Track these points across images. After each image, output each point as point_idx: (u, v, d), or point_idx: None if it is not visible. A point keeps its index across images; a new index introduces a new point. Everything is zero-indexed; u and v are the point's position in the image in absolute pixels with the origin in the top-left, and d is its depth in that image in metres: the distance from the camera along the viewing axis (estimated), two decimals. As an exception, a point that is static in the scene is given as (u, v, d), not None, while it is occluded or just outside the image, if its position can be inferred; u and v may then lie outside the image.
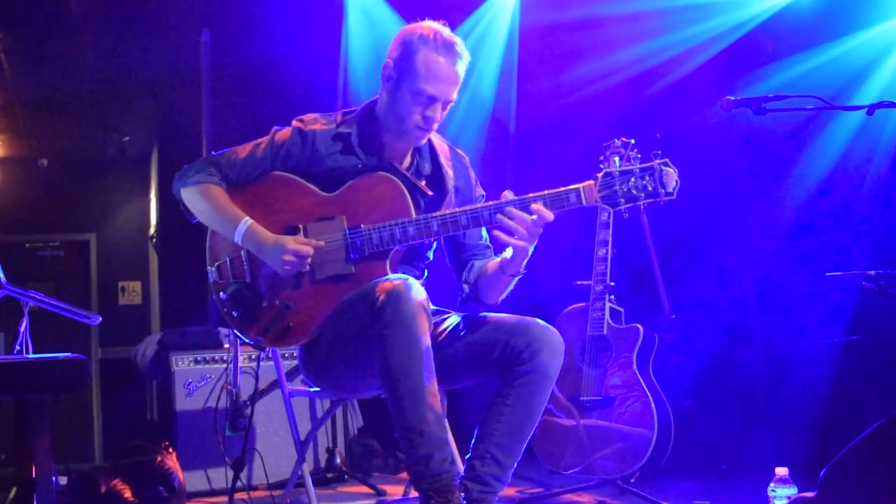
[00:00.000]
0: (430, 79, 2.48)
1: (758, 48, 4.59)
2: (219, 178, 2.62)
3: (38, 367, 2.55)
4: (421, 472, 2.27)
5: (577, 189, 2.36)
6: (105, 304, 8.08)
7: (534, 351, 2.42)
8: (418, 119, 2.52)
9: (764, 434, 4.11)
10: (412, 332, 2.24)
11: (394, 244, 2.48)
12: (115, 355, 7.28)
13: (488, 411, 2.47)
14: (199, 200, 2.61)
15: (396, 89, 2.53)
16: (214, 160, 2.64)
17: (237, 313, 2.59)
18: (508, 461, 2.44)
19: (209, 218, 2.62)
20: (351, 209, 2.53)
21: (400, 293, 2.26)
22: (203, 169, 2.62)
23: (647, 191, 2.31)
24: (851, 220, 4.25)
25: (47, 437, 2.59)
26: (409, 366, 2.25)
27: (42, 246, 8.38)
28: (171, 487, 3.56)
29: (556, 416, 3.67)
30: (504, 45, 5.27)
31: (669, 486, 3.72)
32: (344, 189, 2.56)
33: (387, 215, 2.49)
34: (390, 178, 2.54)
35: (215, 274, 2.64)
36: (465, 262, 2.72)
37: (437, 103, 2.51)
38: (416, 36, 2.52)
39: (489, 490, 2.43)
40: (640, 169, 2.32)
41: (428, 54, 2.48)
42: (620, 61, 4.87)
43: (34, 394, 2.56)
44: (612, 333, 3.65)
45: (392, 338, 2.25)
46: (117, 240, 8.36)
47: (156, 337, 4.40)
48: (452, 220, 2.43)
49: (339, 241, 2.51)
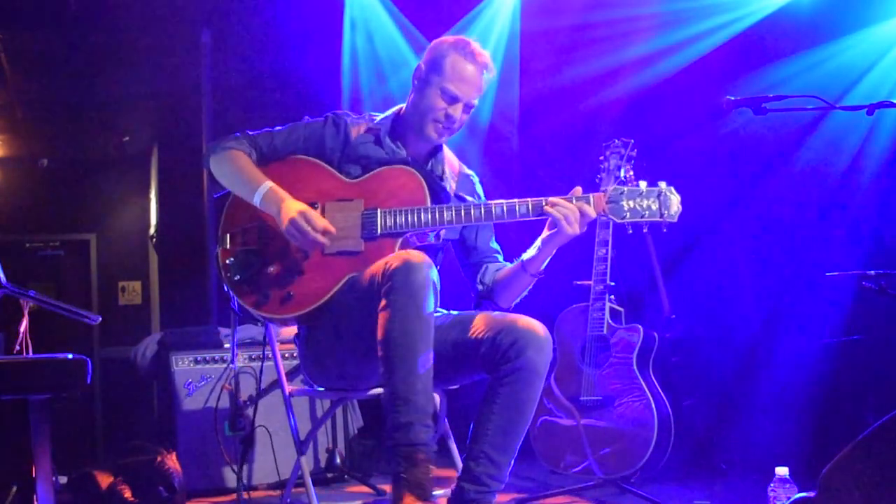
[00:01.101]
0: (456, 79, 2.63)
1: (757, 48, 4.59)
2: (249, 149, 2.72)
3: (38, 367, 2.55)
4: (398, 439, 2.27)
5: (588, 196, 2.49)
6: (105, 304, 8.08)
7: (519, 348, 2.42)
8: (440, 115, 2.65)
9: (764, 434, 4.11)
10: (417, 301, 2.29)
11: (406, 228, 2.56)
12: (115, 355, 7.27)
13: (480, 411, 2.47)
14: (225, 164, 2.68)
15: (424, 87, 2.68)
16: (249, 136, 2.75)
17: (239, 277, 2.65)
18: (503, 459, 2.45)
19: (232, 180, 2.68)
20: (370, 194, 2.63)
21: (413, 264, 2.32)
22: (235, 139, 2.73)
23: (651, 211, 2.48)
24: (851, 220, 4.25)
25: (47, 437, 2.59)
26: (409, 333, 2.28)
27: (42, 246, 8.38)
28: (171, 487, 3.56)
29: (556, 416, 3.67)
30: (504, 45, 5.27)
31: (669, 486, 3.72)
32: (367, 177, 2.68)
33: (404, 203, 2.59)
34: (411, 172, 2.65)
35: (227, 242, 2.70)
36: (477, 266, 2.80)
37: (459, 103, 2.65)
38: (449, 43, 2.70)
39: (486, 490, 2.44)
40: (647, 190, 2.49)
41: (457, 58, 2.65)
42: (620, 62, 4.88)
43: (34, 394, 2.56)
44: (612, 333, 3.65)
45: (397, 303, 2.29)
46: (117, 240, 8.37)
47: (156, 337, 4.39)
48: (465, 210, 2.54)
49: (354, 220, 2.59)
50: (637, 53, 4.84)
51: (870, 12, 4.35)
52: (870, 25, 4.38)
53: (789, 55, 4.46)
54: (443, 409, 3.04)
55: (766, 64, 4.49)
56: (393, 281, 2.30)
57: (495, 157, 5.16)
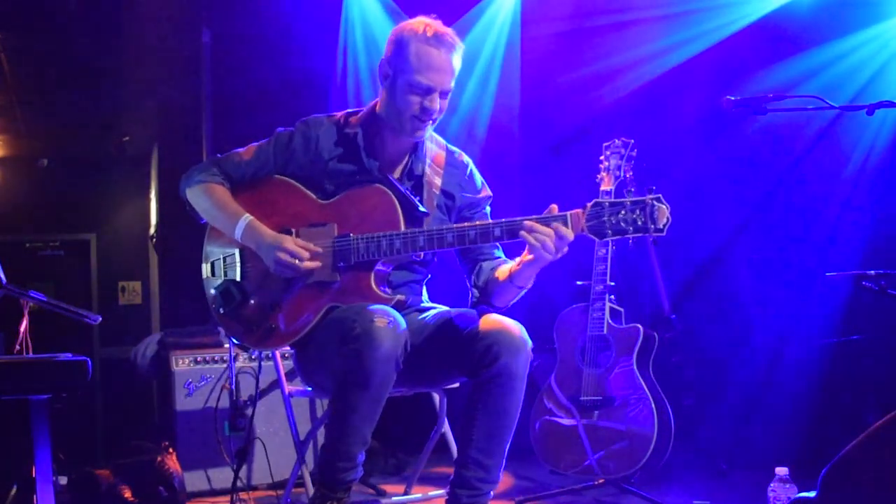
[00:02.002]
0: (424, 69, 2.50)
1: (758, 48, 4.59)
2: (222, 178, 2.69)
3: (38, 367, 2.55)
4: (328, 476, 2.39)
5: (565, 216, 2.31)
6: (105, 304, 8.08)
7: (495, 354, 2.40)
8: (416, 110, 2.54)
9: (764, 434, 4.11)
10: (372, 383, 2.29)
11: (379, 255, 2.48)
12: (115, 355, 7.27)
13: (464, 417, 2.47)
14: (202, 198, 2.67)
15: (393, 85, 2.56)
16: (218, 161, 2.72)
17: (224, 310, 2.66)
18: (492, 462, 2.44)
19: (211, 215, 2.68)
20: (343, 217, 2.56)
21: (374, 341, 2.26)
22: (206, 169, 2.70)
23: (636, 225, 2.26)
24: (851, 219, 4.26)
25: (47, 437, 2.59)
26: (360, 415, 2.34)
27: (42, 246, 8.38)
28: (171, 487, 3.56)
29: (556, 416, 3.67)
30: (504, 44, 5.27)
31: (669, 486, 3.72)
32: (340, 197, 2.61)
33: (378, 227, 2.50)
34: (385, 192, 2.56)
35: (208, 271, 2.75)
36: (473, 264, 2.70)
37: (433, 93, 2.53)
38: (407, 31, 2.56)
39: (478, 493, 2.44)
40: (632, 202, 2.27)
41: (419, 46, 2.51)
42: (621, 62, 4.88)
43: (34, 394, 2.56)
44: (612, 333, 3.65)
45: (352, 384, 2.31)
46: (117, 240, 8.37)
47: (156, 337, 4.39)
48: (438, 236, 2.43)
49: (327, 248, 2.53)
50: (637, 53, 4.84)
51: (870, 12, 4.36)
52: (870, 25, 4.38)
53: (789, 55, 4.46)
54: (442, 409, 3.04)
55: (766, 64, 4.49)
56: (349, 358, 2.28)
57: (496, 156, 5.16)
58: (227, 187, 2.69)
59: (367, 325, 2.27)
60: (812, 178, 4.39)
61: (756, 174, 4.53)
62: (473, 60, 5.21)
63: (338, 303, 2.51)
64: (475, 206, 2.72)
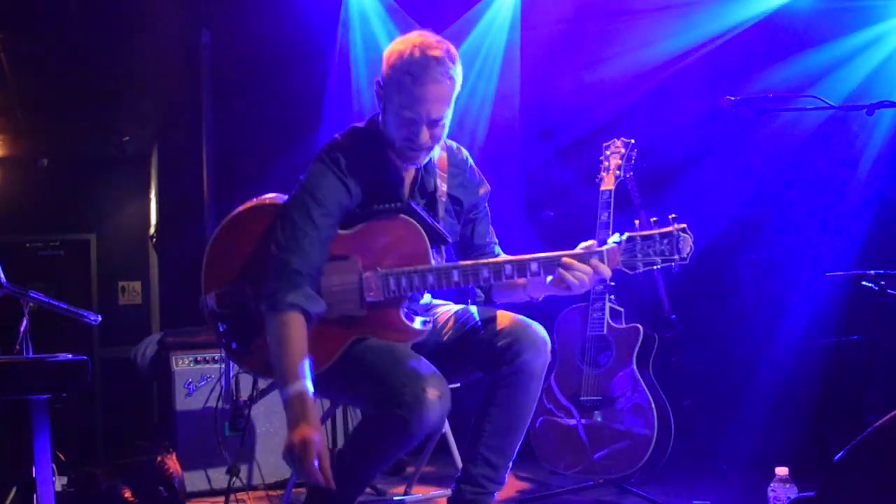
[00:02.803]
0: (407, 102, 2.35)
1: (758, 48, 4.59)
2: (306, 298, 2.36)
3: (38, 367, 2.55)
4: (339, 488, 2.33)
5: (602, 252, 2.36)
6: (105, 304, 8.09)
7: (516, 351, 2.41)
8: (406, 139, 2.40)
9: (764, 434, 4.11)
10: (410, 444, 2.30)
11: (412, 290, 2.40)
12: (115, 355, 7.28)
13: (478, 413, 2.47)
14: (278, 330, 2.34)
15: (385, 111, 2.44)
16: (296, 266, 2.36)
17: (237, 346, 2.52)
18: (501, 462, 2.45)
19: (277, 352, 2.35)
20: (366, 250, 2.43)
21: (423, 414, 2.22)
22: (293, 284, 2.36)
23: (663, 255, 2.34)
24: (851, 219, 4.25)
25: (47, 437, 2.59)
26: (378, 467, 2.38)
27: (42, 246, 8.38)
28: (171, 487, 3.56)
29: (556, 416, 3.67)
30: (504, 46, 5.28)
31: (669, 486, 3.72)
32: (361, 227, 2.46)
33: (404, 259, 2.41)
34: (409, 222, 2.44)
35: (213, 302, 2.53)
36: None
37: (420, 126, 2.37)
38: (395, 54, 2.38)
39: (483, 491, 2.44)
40: (661, 235, 2.34)
41: (402, 77, 2.34)
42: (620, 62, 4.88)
43: (34, 394, 2.56)
44: (612, 333, 3.65)
45: (386, 442, 2.31)
46: (117, 240, 8.37)
47: (156, 337, 4.39)
48: (474, 271, 2.38)
49: (353, 284, 2.41)
50: (637, 54, 4.84)
51: (870, 12, 4.36)
52: (870, 25, 4.38)
53: (789, 55, 4.46)
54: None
55: (766, 64, 4.48)
56: (391, 426, 2.25)
57: (496, 157, 5.16)
58: (306, 317, 2.35)
59: (419, 395, 2.22)
60: (812, 178, 4.39)
61: (756, 174, 4.53)
62: (473, 60, 5.21)
63: (364, 334, 2.42)
64: (477, 206, 2.71)
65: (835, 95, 4.17)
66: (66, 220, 8.32)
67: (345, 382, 2.45)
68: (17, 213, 8.05)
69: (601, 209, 3.58)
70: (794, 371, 4.11)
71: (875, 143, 4.28)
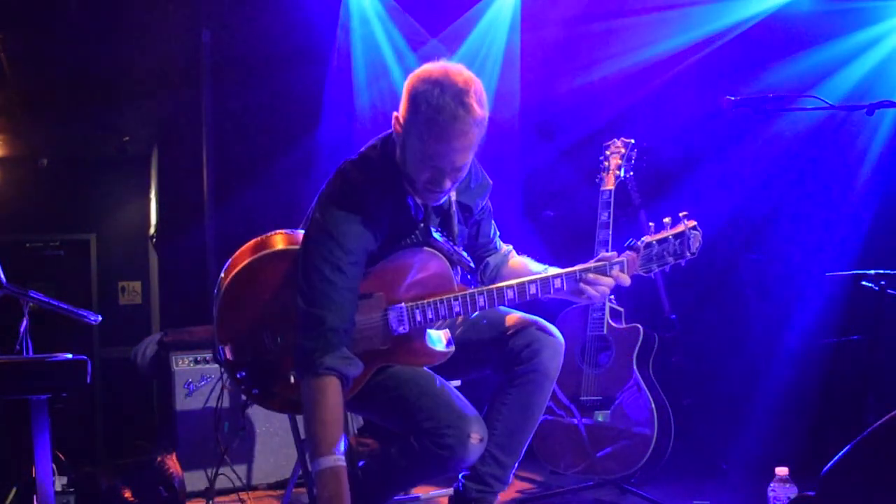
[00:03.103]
0: (433, 152, 2.24)
1: (758, 48, 4.58)
2: (345, 353, 2.29)
3: (38, 367, 2.55)
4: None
5: (622, 262, 2.40)
6: (105, 304, 8.09)
7: (533, 351, 2.43)
8: (426, 182, 2.32)
9: (764, 434, 4.11)
10: (432, 480, 2.44)
11: (437, 320, 2.38)
12: (115, 355, 7.28)
13: (489, 410, 2.47)
14: (313, 395, 2.26)
15: (404, 147, 2.31)
16: (331, 323, 2.27)
17: (258, 391, 2.46)
18: (509, 461, 2.45)
19: (311, 418, 2.27)
20: (389, 285, 2.40)
21: (464, 457, 2.29)
22: (330, 345, 2.26)
23: (675, 254, 2.44)
24: (851, 219, 4.25)
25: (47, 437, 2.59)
26: (402, 490, 2.48)
27: (42, 246, 8.38)
28: (171, 487, 3.56)
29: (557, 416, 3.66)
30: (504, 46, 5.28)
31: (669, 486, 3.72)
32: (382, 264, 2.42)
33: (429, 290, 2.39)
34: (432, 254, 2.42)
35: (229, 352, 2.45)
36: (479, 260, 2.69)
37: (444, 175, 2.30)
38: (421, 92, 2.23)
39: (488, 490, 2.44)
40: (674, 236, 2.43)
41: (430, 126, 2.22)
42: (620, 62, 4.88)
43: (34, 394, 2.56)
44: (612, 333, 3.65)
45: (417, 473, 2.36)
46: (117, 240, 8.37)
47: (156, 337, 4.39)
48: (498, 293, 2.37)
49: (378, 320, 2.38)
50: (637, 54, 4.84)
51: (870, 12, 4.35)
52: (870, 25, 4.38)
53: (789, 55, 4.46)
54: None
55: (766, 64, 4.48)
56: (429, 461, 2.29)
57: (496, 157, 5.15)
58: (343, 381, 2.28)
59: (464, 439, 2.26)
60: (812, 178, 4.39)
61: (755, 174, 4.53)
62: (473, 60, 5.21)
63: (389, 363, 2.41)
64: (483, 206, 2.70)
65: (835, 95, 4.17)
66: (66, 220, 8.32)
67: (374, 406, 2.45)
68: (17, 213, 8.05)
69: (601, 209, 3.58)
70: (794, 371, 4.10)
71: (875, 143, 4.28)
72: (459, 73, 2.27)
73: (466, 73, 2.29)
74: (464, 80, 2.25)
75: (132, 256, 8.28)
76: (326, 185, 2.41)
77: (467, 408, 2.34)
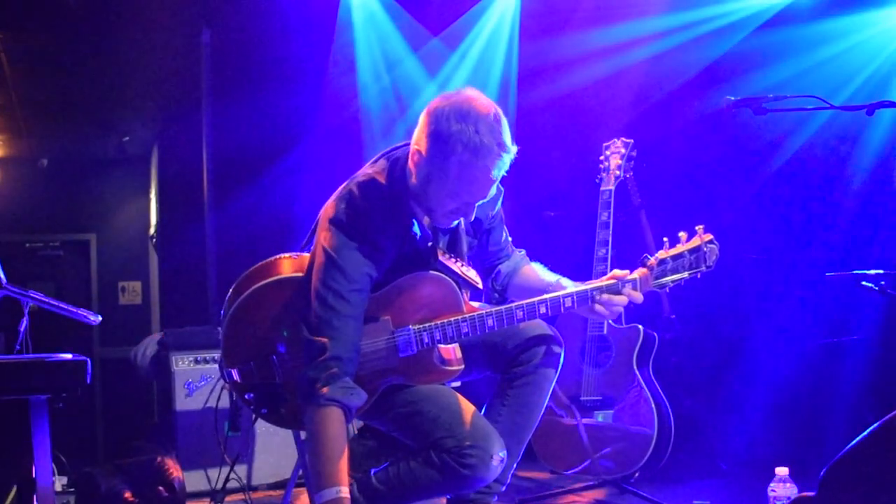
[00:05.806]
0: (466, 187, 2.25)
1: (758, 48, 4.59)
2: (347, 383, 2.26)
3: (38, 367, 2.55)
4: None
5: (634, 280, 2.36)
6: (105, 304, 8.09)
7: (532, 354, 2.43)
8: (451, 211, 2.32)
9: (764, 434, 4.11)
10: (448, 495, 2.39)
11: (446, 342, 2.37)
12: (115, 355, 7.28)
13: (488, 410, 2.47)
14: (315, 426, 2.25)
15: (427, 182, 2.28)
16: (333, 352, 2.25)
17: (267, 410, 2.46)
18: (508, 462, 2.45)
19: (313, 450, 2.27)
20: (396, 308, 2.37)
21: (485, 477, 2.29)
22: (332, 375, 2.24)
23: (690, 268, 2.38)
24: (851, 219, 4.26)
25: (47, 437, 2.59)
26: (430, 495, 2.38)
27: (42, 246, 8.38)
28: (171, 488, 3.57)
29: (557, 416, 3.66)
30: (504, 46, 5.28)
31: (669, 486, 3.72)
32: (388, 288, 2.38)
33: (437, 312, 2.36)
34: (440, 278, 2.38)
35: (237, 375, 2.45)
36: (490, 268, 2.68)
37: (471, 207, 2.32)
38: (454, 134, 2.21)
39: (487, 491, 2.44)
40: (689, 251, 2.37)
41: (469, 162, 2.21)
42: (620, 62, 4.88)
43: (34, 394, 2.56)
44: (612, 333, 3.65)
45: (436, 489, 2.34)
46: (117, 240, 8.38)
47: (156, 337, 4.39)
48: (508, 315, 2.34)
49: (384, 343, 2.36)
50: (637, 53, 4.84)
51: (870, 13, 4.36)
52: (869, 25, 4.38)
53: (789, 55, 4.46)
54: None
55: (766, 64, 4.49)
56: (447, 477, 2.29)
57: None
58: (345, 412, 2.26)
59: (486, 460, 2.27)
60: (812, 178, 4.39)
61: (755, 174, 4.53)
62: (473, 60, 5.22)
63: (397, 381, 2.40)
64: (493, 216, 2.67)
65: (835, 95, 4.17)
66: (66, 220, 8.33)
67: (391, 419, 2.43)
68: (17, 213, 8.05)
69: (601, 209, 3.58)
70: (794, 371, 4.11)
71: (875, 143, 4.29)
72: (487, 107, 2.25)
73: (491, 105, 2.27)
74: (494, 114, 2.25)
75: (132, 256, 8.28)
76: (332, 205, 2.38)
77: (488, 426, 2.34)
